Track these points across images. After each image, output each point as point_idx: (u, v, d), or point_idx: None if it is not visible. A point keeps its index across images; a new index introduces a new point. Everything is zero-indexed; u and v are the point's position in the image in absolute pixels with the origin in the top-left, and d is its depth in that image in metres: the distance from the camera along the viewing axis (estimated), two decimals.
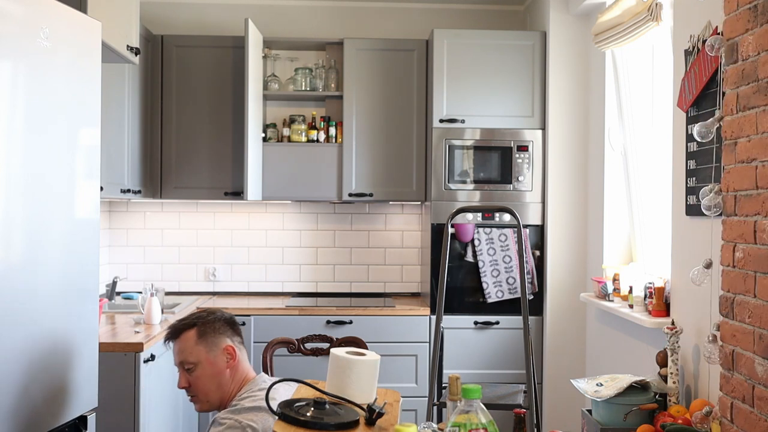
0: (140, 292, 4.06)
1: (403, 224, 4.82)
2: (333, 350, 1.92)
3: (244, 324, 4.03)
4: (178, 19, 4.73)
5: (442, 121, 4.25)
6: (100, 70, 2.52)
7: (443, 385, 3.24)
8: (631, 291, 3.33)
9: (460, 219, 4.21)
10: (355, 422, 1.71)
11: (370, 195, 4.45)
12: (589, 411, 2.93)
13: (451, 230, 4.16)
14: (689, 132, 2.83)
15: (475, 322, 4.24)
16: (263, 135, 4.48)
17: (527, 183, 4.27)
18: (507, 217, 4.23)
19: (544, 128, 4.28)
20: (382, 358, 1.99)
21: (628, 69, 3.74)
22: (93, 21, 2.49)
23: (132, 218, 4.74)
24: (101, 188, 2.90)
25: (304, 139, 4.51)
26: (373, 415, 1.72)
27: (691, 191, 2.82)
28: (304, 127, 4.52)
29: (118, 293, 4.44)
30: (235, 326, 2.34)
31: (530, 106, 4.28)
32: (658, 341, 3.07)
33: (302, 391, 1.93)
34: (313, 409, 1.72)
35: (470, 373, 4.13)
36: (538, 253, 4.28)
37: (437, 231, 4.26)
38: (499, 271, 4.22)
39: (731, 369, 2.30)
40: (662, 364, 2.87)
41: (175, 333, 2.28)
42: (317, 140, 4.50)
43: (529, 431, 3.03)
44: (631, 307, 3.29)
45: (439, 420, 3.14)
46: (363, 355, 1.91)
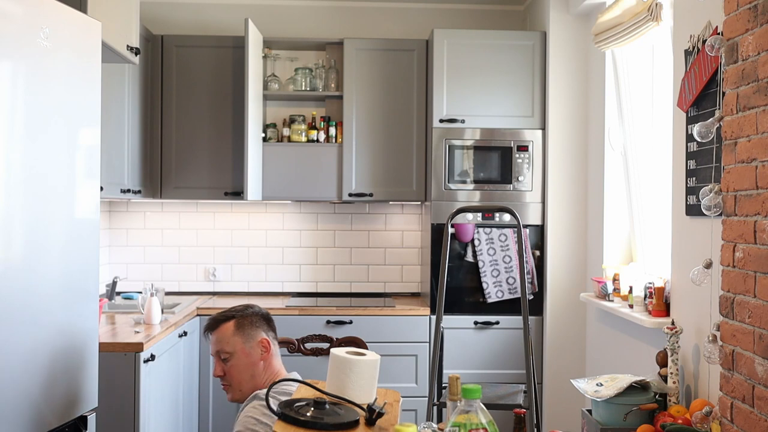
0: (140, 292, 4.06)
1: (403, 224, 4.82)
2: (333, 350, 1.91)
3: None
4: (178, 19, 4.73)
5: (442, 121, 4.25)
6: (100, 70, 2.52)
7: (443, 385, 3.24)
8: (631, 291, 3.33)
9: (460, 219, 4.21)
10: (355, 422, 1.71)
11: (370, 195, 4.45)
12: (589, 411, 2.93)
13: (451, 230, 4.17)
14: (689, 132, 2.83)
15: (475, 322, 4.24)
16: (263, 135, 4.48)
17: (527, 183, 4.27)
18: (507, 217, 4.23)
19: (544, 128, 4.28)
20: (382, 358, 1.99)
21: (628, 69, 3.74)
22: (93, 21, 2.49)
23: (132, 218, 4.74)
24: (101, 188, 2.91)
25: (304, 139, 4.50)
26: (373, 415, 1.72)
27: (691, 191, 2.82)
28: (304, 127, 4.52)
29: (118, 293, 4.44)
30: (270, 322, 2.43)
31: (530, 106, 4.28)
32: (658, 341, 3.07)
33: (302, 391, 1.93)
34: (313, 409, 1.72)
35: (470, 373, 4.13)
36: (538, 253, 4.28)
37: (437, 231, 4.26)
38: (499, 271, 4.22)
39: (731, 369, 2.30)
40: (662, 364, 2.87)
41: (214, 324, 2.37)
42: (317, 140, 4.50)
43: (529, 431, 3.03)
44: (631, 307, 3.29)
45: (439, 420, 3.14)
46: (363, 355, 1.91)
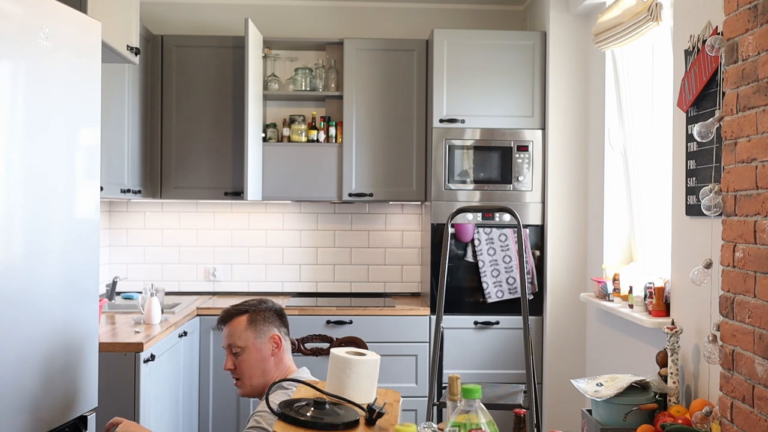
0: (140, 292, 4.06)
1: (403, 224, 4.82)
2: (333, 350, 1.91)
3: None
4: (178, 19, 4.73)
5: (442, 121, 4.25)
6: (100, 70, 2.52)
7: (443, 385, 3.24)
8: (631, 291, 3.33)
9: (460, 219, 4.21)
10: (355, 422, 1.71)
11: (370, 195, 4.45)
12: (589, 411, 2.93)
13: (451, 230, 4.17)
14: (689, 132, 2.83)
15: (475, 322, 4.24)
16: (263, 135, 4.48)
17: (527, 183, 4.27)
18: (507, 217, 4.23)
19: (544, 128, 4.28)
20: (382, 358, 1.99)
21: (628, 69, 3.74)
22: (93, 21, 2.49)
23: (132, 218, 4.74)
24: (101, 188, 2.91)
25: (304, 139, 4.50)
26: (373, 415, 1.72)
27: (691, 191, 2.82)
28: (304, 127, 4.52)
29: (118, 293, 4.44)
30: (283, 317, 2.42)
31: (530, 106, 4.28)
32: (658, 341, 3.07)
33: (302, 391, 1.93)
34: (313, 409, 1.72)
35: (470, 373, 4.13)
36: (538, 253, 4.28)
37: (437, 231, 4.26)
38: (499, 271, 4.22)
39: (731, 369, 2.30)
40: (662, 364, 2.87)
41: (227, 317, 2.36)
42: (317, 140, 4.50)
43: (529, 431, 3.03)
44: (631, 307, 3.29)
45: (439, 420, 3.14)
46: (363, 355, 1.91)
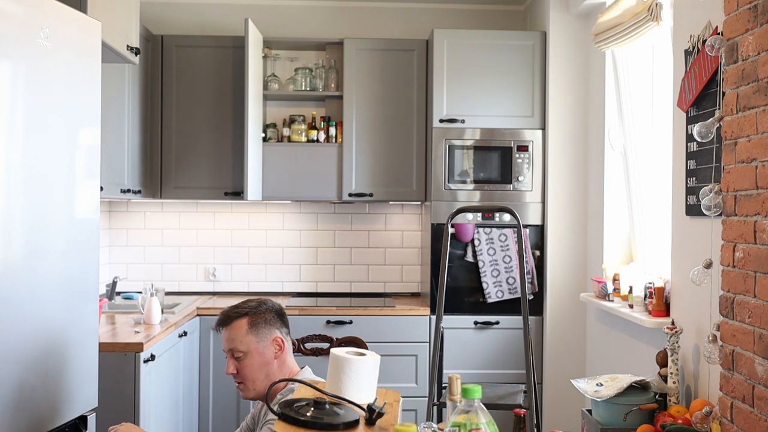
0: (140, 292, 4.06)
1: (403, 224, 4.82)
2: (333, 350, 1.91)
3: None
4: (178, 19, 4.73)
5: (442, 121, 4.25)
6: (100, 70, 2.52)
7: (443, 385, 3.24)
8: (631, 291, 3.33)
9: (460, 219, 4.21)
10: (355, 422, 1.71)
11: (370, 195, 4.45)
12: (589, 411, 2.93)
13: (451, 230, 4.16)
14: (689, 132, 2.83)
15: (475, 322, 4.24)
16: (263, 135, 4.48)
17: (527, 183, 4.27)
18: (507, 217, 4.23)
19: (544, 128, 4.28)
20: (382, 358, 1.99)
21: (628, 69, 3.74)
22: (93, 21, 2.49)
23: (132, 218, 4.74)
24: (101, 188, 2.91)
25: (304, 139, 4.50)
26: (373, 415, 1.72)
27: (691, 191, 2.82)
28: (304, 127, 4.52)
29: (118, 293, 4.44)
30: (283, 317, 2.35)
31: (530, 106, 4.28)
32: (658, 341, 3.07)
33: (302, 391, 1.93)
34: (313, 409, 1.72)
35: (470, 373, 4.12)
36: (538, 253, 4.28)
37: (437, 231, 4.26)
38: (499, 271, 4.22)
39: (731, 369, 2.30)
40: (662, 364, 2.87)
41: (226, 320, 2.29)
42: (317, 140, 4.50)
43: (529, 431, 3.03)
44: (631, 307, 3.29)
45: (439, 420, 3.14)
46: (363, 355, 1.91)
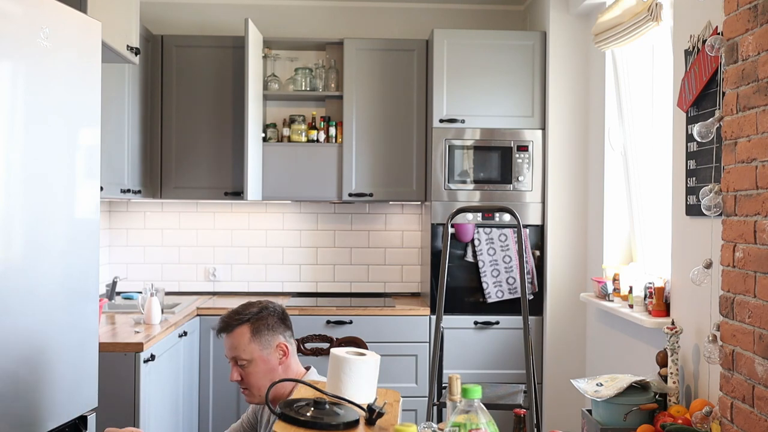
0: (140, 292, 4.06)
1: (403, 224, 4.82)
2: (333, 350, 1.91)
3: None
4: (178, 19, 4.73)
5: (442, 121, 4.25)
6: (100, 70, 2.52)
7: (443, 385, 3.24)
8: (631, 291, 3.33)
9: (460, 219, 4.21)
10: (355, 422, 1.71)
11: (370, 195, 4.45)
12: (589, 411, 2.93)
13: (451, 230, 4.16)
14: (689, 132, 2.83)
15: (475, 322, 4.24)
16: (263, 135, 4.48)
17: (527, 183, 4.27)
18: (507, 217, 4.23)
19: (544, 128, 4.28)
20: (382, 358, 1.99)
21: (628, 69, 3.74)
22: (93, 21, 2.49)
23: (132, 218, 4.74)
24: (101, 188, 2.91)
25: (304, 139, 4.50)
26: (373, 415, 1.72)
27: (691, 191, 2.82)
28: (304, 127, 4.52)
29: (118, 293, 4.44)
30: (286, 320, 2.31)
31: (530, 106, 4.28)
32: (658, 341, 3.07)
33: (302, 391, 1.93)
34: (313, 409, 1.72)
35: (470, 373, 4.12)
36: (538, 253, 4.28)
37: (437, 231, 4.26)
38: (499, 271, 4.22)
39: (731, 369, 2.30)
40: (662, 364, 2.87)
41: (227, 327, 2.23)
42: (317, 140, 4.50)
43: (529, 431, 3.03)
44: (631, 307, 3.29)
45: (439, 420, 3.14)
46: (363, 355, 1.91)
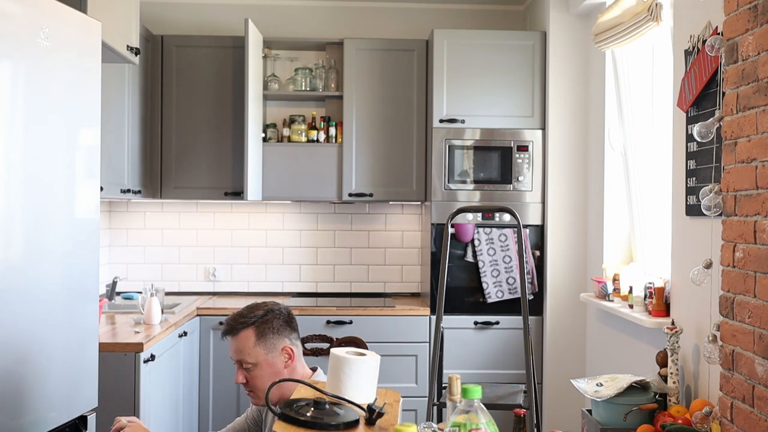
0: (140, 292, 4.06)
1: (403, 224, 4.82)
2: (333, 350, 1.91)
3: None
4: (178, 19, 4.73)
5: (442, 121, 4.25)
6: (100, 70, 2.52)
7: (443, 385, 3.24)
8: (631, 291, 3.33)
9: (460, 219, 4.21)
10: (355, 422, 1.71)
11: (370, 195, 4.45)
12: (589, 411, 2.93)
13: (451, 230, 4.16)
14: (689, 132, 2.83)
15: (475, 322, 4.24)
16: (263, 135, 4.48)
17: (527, 183, 4.27)
18: (507, 217, 4.23)
19: (544, 128, 4.28)
20: (382, 358, 1.99)
21: (628, 69, 3.74)
22: (93, 21, 2.49)
23: (132, 218, 4.74)
24: (101, 188, 2.91)
25: (304, 139, 4.50)
26: (373, 415, 1.72)
27: (691, 191, 2.82)
28: (304, 127, 4.52)
29: (118, 293, 4.44)
30: (292, 322, 2.29)
31: (530, 106, 4.28)
32: (658, 341, 3.07)
33: (302, 391, 1.93)
34: (313, 409, 1.72)
35: (470, 373, 4.12)
36: (538, 253, 4.28)
37: (437, 231, 4.26)
38: (499, 271, 4.22)
39: (731, 369, 2.30)
40: (662, 364, 2.87)
41: (232, 330, 2.21)
42: (317, 140, 4.50)
43: (529, 431, 3.03)
44: (631, 307, 3.29)
45: (439, 420, 3.14)
46: (363, 355, 1.91)
